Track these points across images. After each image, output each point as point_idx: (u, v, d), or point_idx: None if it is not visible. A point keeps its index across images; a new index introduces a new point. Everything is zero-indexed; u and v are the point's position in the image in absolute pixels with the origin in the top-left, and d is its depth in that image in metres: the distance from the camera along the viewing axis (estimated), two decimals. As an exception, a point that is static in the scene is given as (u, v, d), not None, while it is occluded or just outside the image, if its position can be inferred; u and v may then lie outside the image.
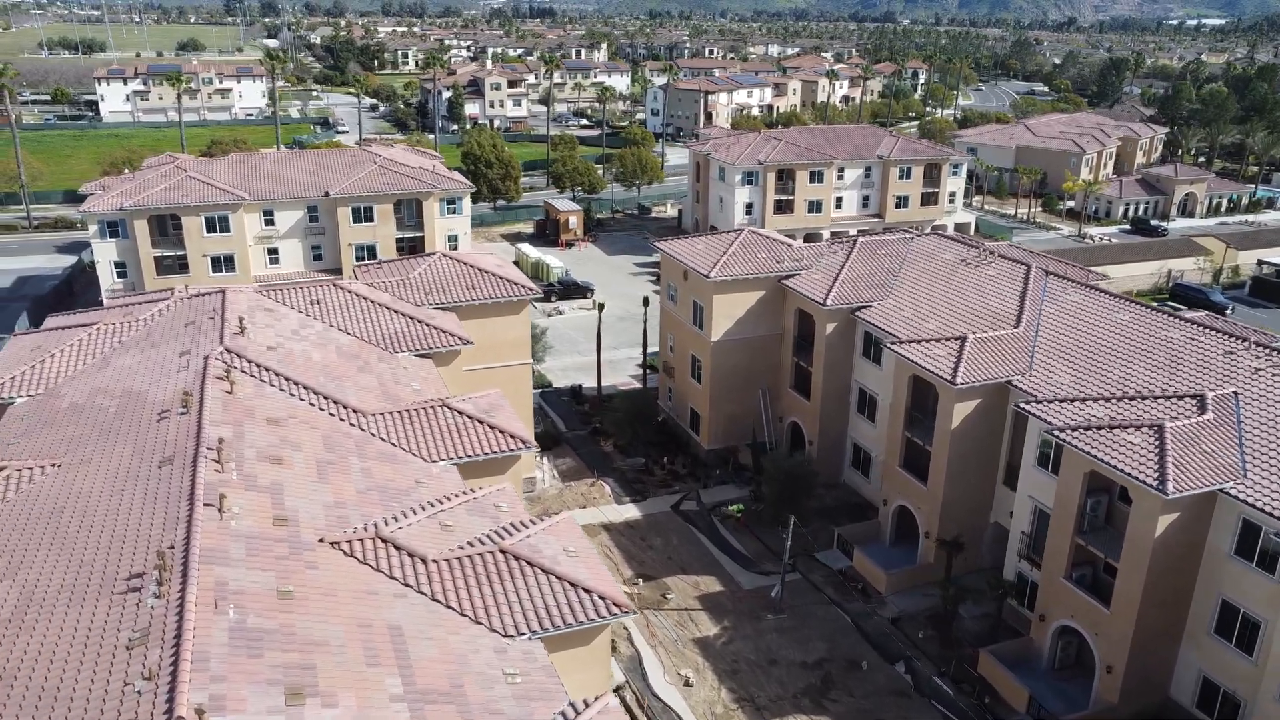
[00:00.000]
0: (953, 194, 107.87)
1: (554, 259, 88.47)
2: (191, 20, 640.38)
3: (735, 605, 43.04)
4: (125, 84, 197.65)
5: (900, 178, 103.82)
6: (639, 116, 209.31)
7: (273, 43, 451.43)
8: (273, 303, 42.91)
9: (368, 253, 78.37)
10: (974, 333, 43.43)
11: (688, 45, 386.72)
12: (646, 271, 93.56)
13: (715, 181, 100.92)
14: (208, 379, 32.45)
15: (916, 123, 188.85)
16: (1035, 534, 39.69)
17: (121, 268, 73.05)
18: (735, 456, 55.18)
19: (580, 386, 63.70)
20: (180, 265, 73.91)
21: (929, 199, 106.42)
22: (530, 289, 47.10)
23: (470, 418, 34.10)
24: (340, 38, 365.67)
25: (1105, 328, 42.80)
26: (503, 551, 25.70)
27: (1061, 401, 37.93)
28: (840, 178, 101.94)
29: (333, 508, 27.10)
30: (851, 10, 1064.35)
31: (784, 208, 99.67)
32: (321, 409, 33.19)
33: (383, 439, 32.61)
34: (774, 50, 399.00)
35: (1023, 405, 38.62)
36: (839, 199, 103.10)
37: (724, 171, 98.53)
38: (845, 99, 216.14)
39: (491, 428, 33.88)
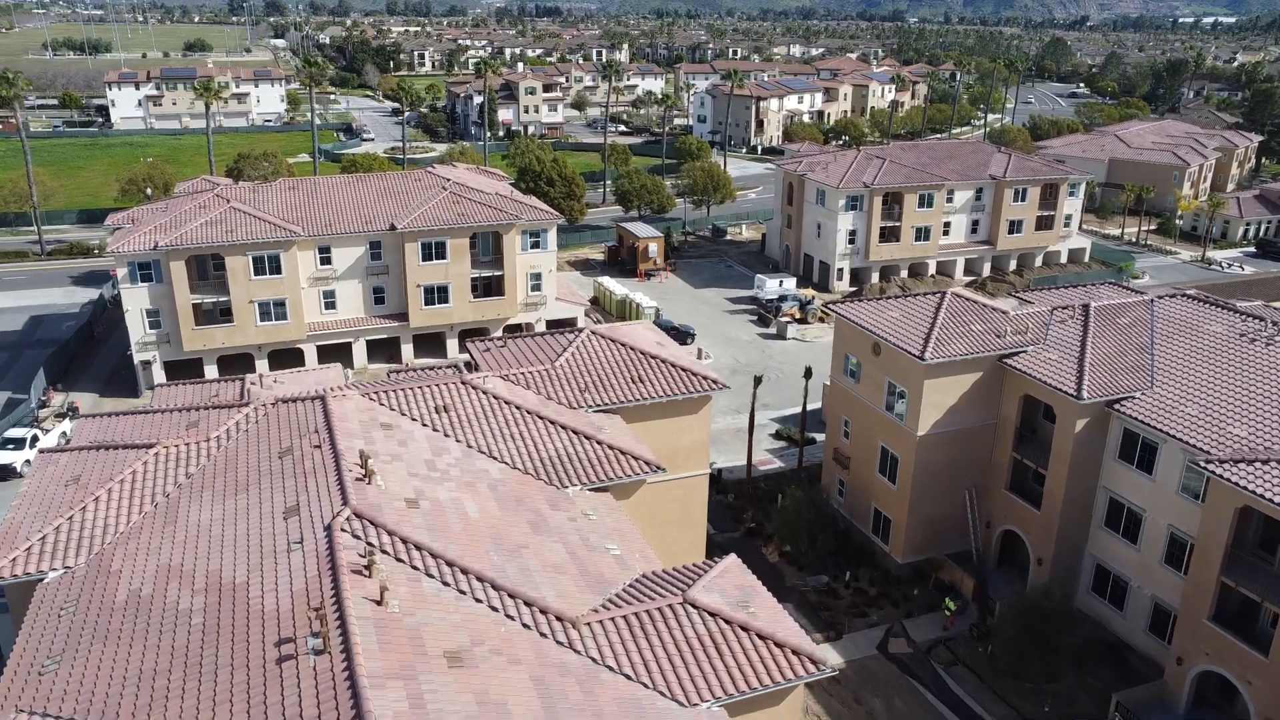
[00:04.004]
0: (1069, 217, 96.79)
1: (644, 297, 77.13)
2: (195, 20, 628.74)
3: (1012, 818, 32.11)
4: (137, 88, 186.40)
5: (1015, 200, 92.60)
6: (677, 121, 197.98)
7: (280, 43, 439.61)
8: (388, 412, 31.89)
9: (438, 295, 67.40)
10: (1326, 449, 32.41)
11: (710, 46, 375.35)
12: (744, 310, 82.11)
13: (811, 206, 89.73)
14: (342, 576, 21.49)
15: (981, 130, 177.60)
16: None
17: (155, 317, 61.98)
18: (936, 572, 44.21)
19: (718, 470, 52.37)
20: (223, 313, 62.99)
21: (1044, 223, 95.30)
22: (716, 382, 35.96)
23: (727, 621, 23.09)
24: (354, 38, 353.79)
25: None
26: None
27: None
28: (949, 200, 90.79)
29: None
30: (858, 9, 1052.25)
31: (888, 235, 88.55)
32: (512, 616, 22.22)
33: (610, 667, 21.62)
34: (795, 50, 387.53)
35: None
36: (946, 224, 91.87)
37: (823, 195, 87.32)
38: (893, 104, 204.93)
39: (761, 637, 22.87)
